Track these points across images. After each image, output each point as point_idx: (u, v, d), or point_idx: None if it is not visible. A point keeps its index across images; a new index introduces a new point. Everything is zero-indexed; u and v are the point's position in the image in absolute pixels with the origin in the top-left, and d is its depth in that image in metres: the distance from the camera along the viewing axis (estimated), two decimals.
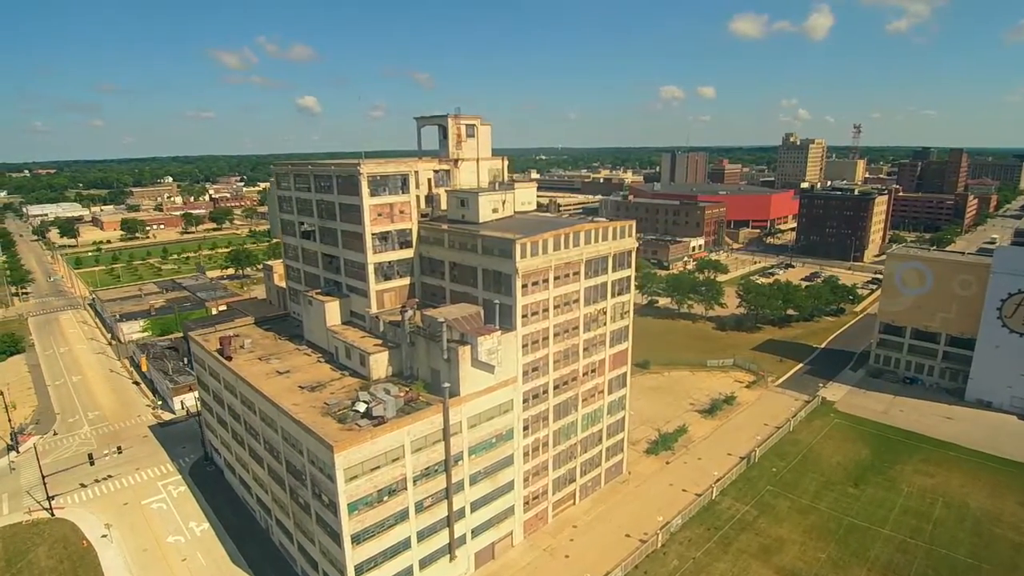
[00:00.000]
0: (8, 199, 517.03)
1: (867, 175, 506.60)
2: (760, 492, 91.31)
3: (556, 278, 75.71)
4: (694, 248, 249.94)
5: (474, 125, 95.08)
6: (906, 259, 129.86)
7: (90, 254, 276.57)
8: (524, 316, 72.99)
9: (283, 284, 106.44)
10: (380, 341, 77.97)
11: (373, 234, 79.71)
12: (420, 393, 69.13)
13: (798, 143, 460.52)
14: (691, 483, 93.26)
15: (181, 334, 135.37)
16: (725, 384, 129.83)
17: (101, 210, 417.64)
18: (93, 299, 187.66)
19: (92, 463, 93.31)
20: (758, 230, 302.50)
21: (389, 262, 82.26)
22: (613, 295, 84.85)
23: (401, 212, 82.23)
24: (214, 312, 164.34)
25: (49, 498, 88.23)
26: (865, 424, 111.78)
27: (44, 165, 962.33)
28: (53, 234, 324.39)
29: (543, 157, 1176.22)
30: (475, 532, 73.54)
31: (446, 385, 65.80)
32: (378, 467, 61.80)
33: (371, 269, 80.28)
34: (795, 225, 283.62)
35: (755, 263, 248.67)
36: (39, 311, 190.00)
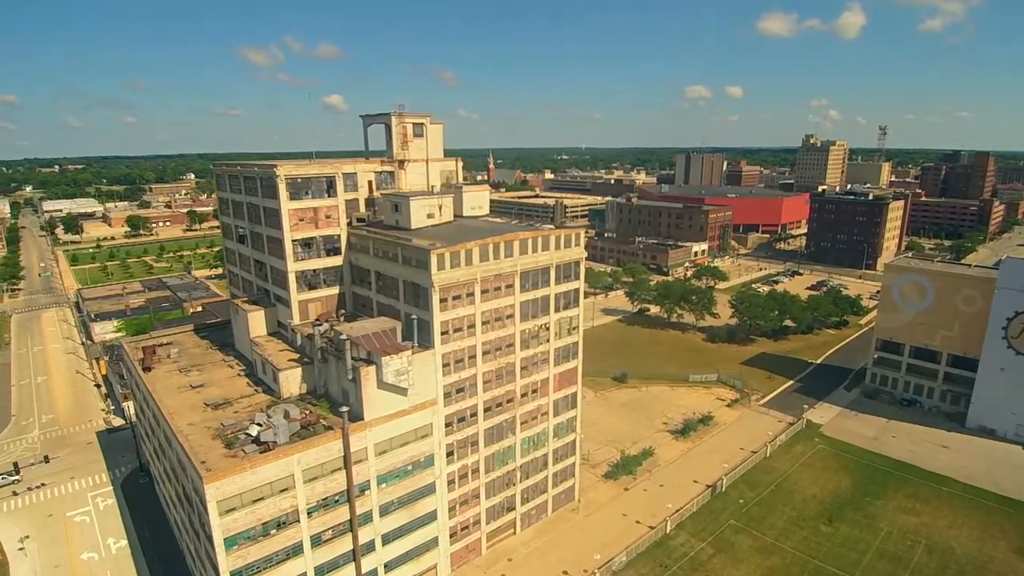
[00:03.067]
0: (32, 194, 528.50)
1: (893, 178, 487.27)
2: (721, 527, 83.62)
3: (484, 291, 69.32)
4: (696, 253, 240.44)
5: (422, 124, 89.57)
6: (906, 271, 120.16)
7: (90, 250, 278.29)
8: (444, 333, 66.78)
9: None
10: (299, 356, 72.54)
11: (294, 240, 74.36)
12: (322, 415, 63.40)
13: (819, 144, 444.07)
14: (647, 513, 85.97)
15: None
16: (705, 401, 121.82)
17: (115, 206, 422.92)
18: (77, 297, 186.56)
19: (17, 472, 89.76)
20: (768, 235, 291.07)
21: (314, 270, 76.78)
22: (558, 309, 78.08)
23: (327, 217, 76.68)
24: (191, 312, 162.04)
25: None
26: (851, 451, 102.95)
27: (74, 161, 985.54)
28: (60, 230, 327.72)
29: (564, 157, 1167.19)
30: (389, 566, 67.51)
31: (345, 409, 59.92)
32: (262, 498, 56.22)
33: (292, 277, 74.90)
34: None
35: (760, 270, 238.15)
36: (25, 308, 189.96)
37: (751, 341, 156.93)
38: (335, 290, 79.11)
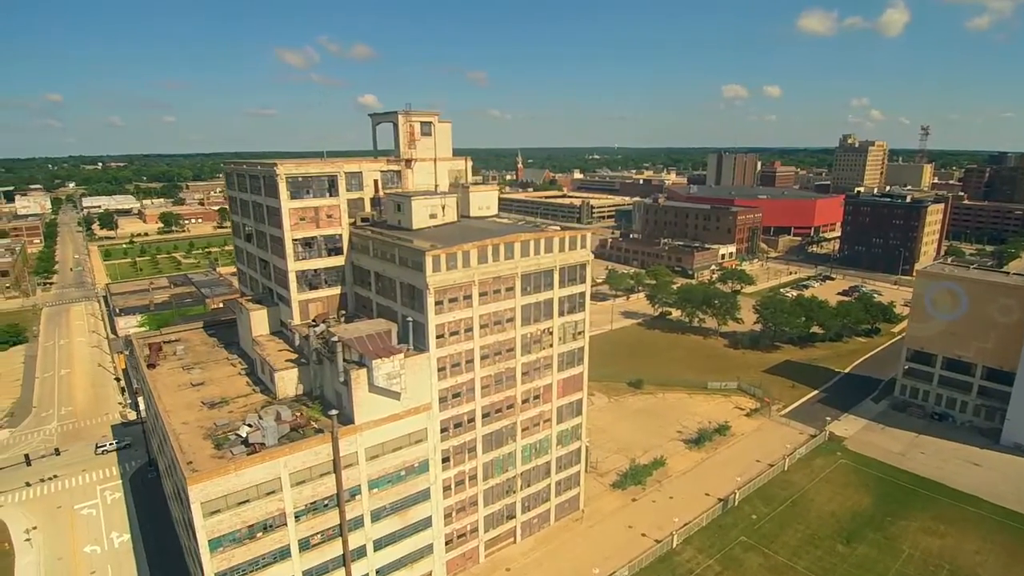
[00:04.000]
0: (74, 190, 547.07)
1: (935, 180, 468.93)
2: (730, 543, 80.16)
3: (483, 294, 67.48)
4: (723, 256, 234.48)
5: (430, 123, 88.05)
6: (938, 278, 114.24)
7: (123, 246, 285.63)
8: (440, 336, 65.18)
9: None
10: (298, 356, 71.81)
11: (295, 240, 73.80)
12: (314, 417, 62.41)
13: (857, 145, 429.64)
14: (653, 526, 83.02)
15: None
16: (723, 410, 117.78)
17: (151, 203, 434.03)
18: (105, 291, 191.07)
19: (28, 464, 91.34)
20: (800, 238, 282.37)
21: (315, 270, 76.13)
22: (562, 313, 75.75)
23: (329, 216, 75.92)
24: (212, 309, 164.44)
25: None
26: (875, 467, 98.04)
27: (117, 158, 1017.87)
28: (96, 225, 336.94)
29: (595, 156, 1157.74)
30: (380, 572, 66.21)
31: (333, 412, 58.82)
32: (247, 501, 55.44)
33: (292, 277, 74.35)
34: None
35: (790, 274, 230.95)
36: (56, 301, 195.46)
37: (775, 348, 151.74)
38: (336, 290, 78.34)
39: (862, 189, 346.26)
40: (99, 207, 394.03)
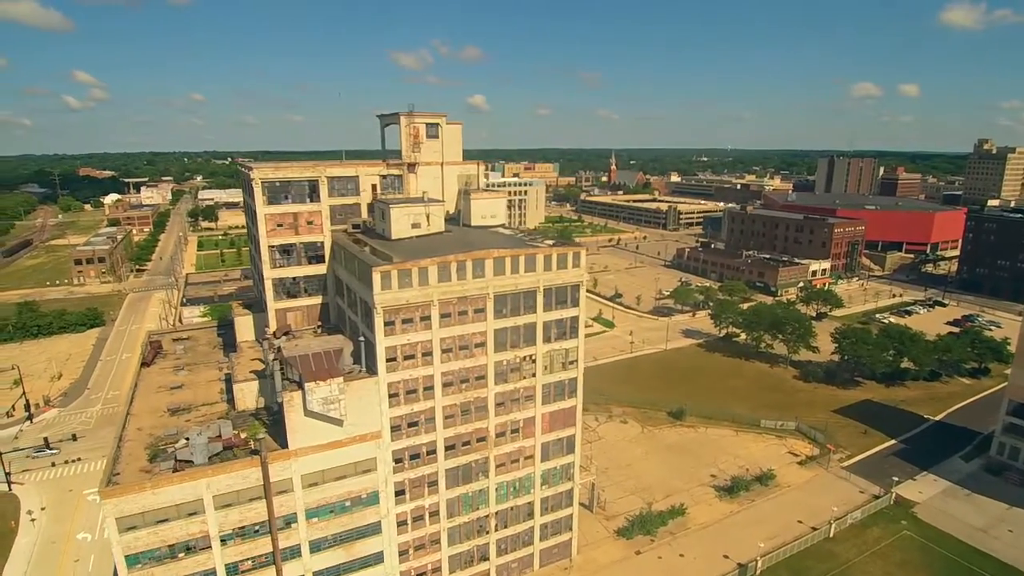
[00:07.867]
0: (199, 183, 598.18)
1: None
2: None
3: (445, 315, 61.09)
4: (815, 272, 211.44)
5: (437, 124, 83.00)
6: None
7: (217, 238, 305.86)
8: (392, 359, 59.64)
9: None
10: (264, 367, 69.04)
11: (271, 246, 71.06)
12: (253, 436, 58.76)
13: (994, 150, 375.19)
14: None
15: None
16: (772, 454, 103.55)
17: None
18: (185, 280, 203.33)
19: (48, 447, 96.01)
20: (912, 255, 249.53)
21: (293, 278, 73.14)
22: (548, 340, 67.69)
23: (309, 223, 72.53)
24: None
25: (7, 474, 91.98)
26: (946, 544, 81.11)
27: (245, 154, 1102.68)
28: (200, 217, 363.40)
29: (703, 158, 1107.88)
30: None
31: (261, 437, 54.90)
32: (167, 520, 52.80)
33: (268, 284, 71.76)
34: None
35: (893, 296, 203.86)
36: (143, 288, 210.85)
37: (855, 384, 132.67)
38: (317, 300, 75.00)
39: (997, 202, 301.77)
40: (211, 199, 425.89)
